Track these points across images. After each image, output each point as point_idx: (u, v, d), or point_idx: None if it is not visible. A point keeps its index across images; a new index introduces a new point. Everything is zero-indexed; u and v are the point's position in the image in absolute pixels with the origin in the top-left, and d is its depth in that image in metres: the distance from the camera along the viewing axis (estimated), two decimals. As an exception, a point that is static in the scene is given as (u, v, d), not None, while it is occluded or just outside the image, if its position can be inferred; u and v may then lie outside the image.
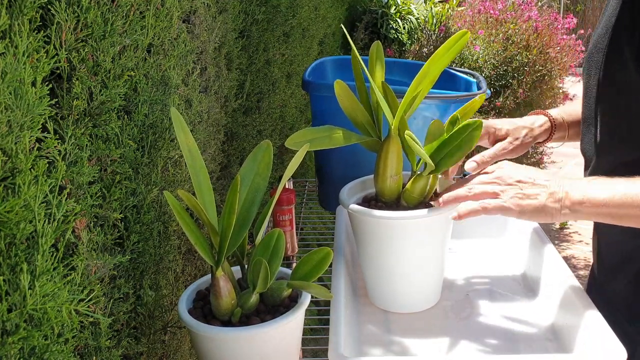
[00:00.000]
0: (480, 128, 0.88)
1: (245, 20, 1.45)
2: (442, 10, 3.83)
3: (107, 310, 0.73)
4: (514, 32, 3.28)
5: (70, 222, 0.60)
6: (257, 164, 0.83)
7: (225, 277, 0.75)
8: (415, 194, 0.92)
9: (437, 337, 0.91)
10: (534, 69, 3.22)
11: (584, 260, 3.73)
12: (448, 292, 1.02)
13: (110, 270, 0.74)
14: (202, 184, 0.78)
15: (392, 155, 0.92)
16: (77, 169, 0.63)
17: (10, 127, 0.51)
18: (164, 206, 0.89)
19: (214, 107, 1.21)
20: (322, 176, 1.43)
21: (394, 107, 0.91)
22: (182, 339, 1.04)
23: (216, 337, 0.74)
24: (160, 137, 0.86)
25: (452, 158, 0.90)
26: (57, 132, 0.62)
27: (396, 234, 0.91)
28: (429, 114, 1.27)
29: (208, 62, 1.14)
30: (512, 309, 0.97)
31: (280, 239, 0.79)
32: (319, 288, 0.75)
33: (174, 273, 1.00)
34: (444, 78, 1.15)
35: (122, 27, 0.72)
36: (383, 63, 0.98)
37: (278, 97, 1.84)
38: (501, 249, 1.16)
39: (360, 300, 1.01)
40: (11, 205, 0.50)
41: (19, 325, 0.50)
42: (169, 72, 0.89)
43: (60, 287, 0.55)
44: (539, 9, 3.54)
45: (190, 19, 1.04)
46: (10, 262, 0.50)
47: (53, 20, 0.59)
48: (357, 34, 3.76)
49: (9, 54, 0.50)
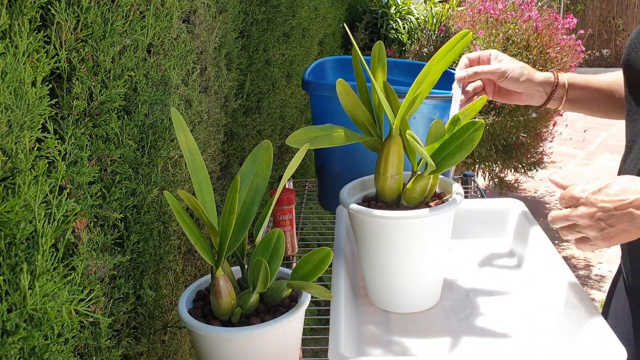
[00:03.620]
0: (481, 129, 0.88)
1: (245, 20, 1.45)
2: (442, 10, 3.82)
3: (107, 310, 0.73)
4: (514, 32, 3.28)
5: (70, 222, 0.60)
6: (257, 164, 0.83)
7: (225, 277, 0.75)
8: (416, 194, 0.92)
9: (437, 337, 0.91)
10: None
11: (583, 260, 3.73)
12: (448, 292, 1.02)
13: (110, 270, 0.74)
14: (202, 184, 0.78)
15: (393, 155, 0.92)
16: (77, 169, 0.63)
17: (10, 127, 0.51)
18: (164, 206, 0.89)
19: (214, 107, 1.21)
20: (322, 176, 1.43)
21: (395, 107, 0.91)
22: (182, 339, 1.04)
23: (216, 337, 0.74)
24: (160, 137, 0.86)
25: (453, 158, 0.90)
26: (57, 132, 0.62)
27: (396, 233, 0.91)
28: (430, 114, 1.27)
29: (208, 62, 1.14)
30: (512, 308, 0.97)
31: (280, 239, 0.79)
32: (319, 288, 0.75)
33: (174, 273, 1.00)
34: (445, 78, 1.14)
35: (122, 27, 0.72)
36: (385, 63, 0.98)
37: (278, 97, 1.84)
38: (501, 249, 1.16)
39: (360, 300, 1.01)
40: (11, 205, 0.50)
41: (19, 325, 0.50)
42: (169, 72, 0.89)
43: (60, 287, 0.54)
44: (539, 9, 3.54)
45: (190, 19, 1.03)
46: (10, 262, 0.50)
47: (53, 20, 0.59)
48: (357, 34, 3.76)
49: (9, 54, 0.50)
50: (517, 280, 1.05)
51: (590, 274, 3.58)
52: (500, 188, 3.67)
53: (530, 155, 3.49)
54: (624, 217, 0.79)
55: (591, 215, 0.80)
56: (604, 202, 0.80)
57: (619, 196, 0.79)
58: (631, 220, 0.78)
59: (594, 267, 3.66)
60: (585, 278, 3.53)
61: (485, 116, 3.17)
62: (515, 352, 0.87)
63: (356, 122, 0.98)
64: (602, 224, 0.80)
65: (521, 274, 1.07)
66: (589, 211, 0.81)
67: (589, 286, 3.42)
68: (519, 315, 0.95)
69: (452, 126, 0.91)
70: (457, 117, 0.91)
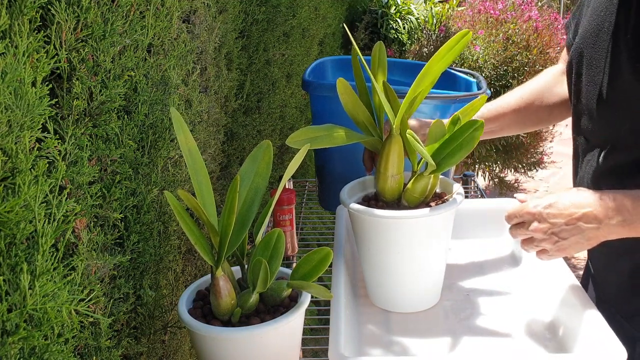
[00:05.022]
0: (481, 128, 0.88)
1: (245, 20, 1.45)
2: (442, 10, 3.82)
3: (107, 310, 0.73)
4: (514, 32, 3.27)
5: (70, 222, 0.60)
6: (257, 164, 0.83)
7: (225, 277, 0.75)
8: (416, 193, 0.92)
9: (437, 337, 0.90)
10: (534, 69, 3.22)
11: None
12: (448, 292, 1.02)
13: (110, 270, 0.74)
14: (202, 184, 0.78)
15: (394, 154, 0.92)
16: (77, 169, 0.63)
17: (10, 127, 0.51)
18: (164, 206, 0.89)
19: (214, 107, 1.21)
20: (322, 176, 1.43)
21: (395, 107, 0.91)
22: (182, 339, 1.04)
23: (216, 337, 0.74)
24: (160, 137, 0.86)
25: (453, 158, 0.90)
26: (57, 132, 0.62)
27: (397, 233, 0.91)
28: (430, 114, 1.27)
29: (208, 62, 1.14)
30: (511, 309, 0.97)
31: (280, 239, 0.79)
32: (319, 288, 0.75)
33: (174, 273, 1.00)
34: (444, 78, 1.15)
35: (122, 27, 0.72)
36: (385, 63, 0.98)
37: (278, 97, 1.84)
38: (501, 249, 1.16)
39: (360, 300, 1.01)
40: (11, 205, 0.50)
41: (19, 325, 0.50)
42: (169, 72, 0.89)
43: (60, 287, 0.54)
44: (539, 9, 3.54)
45: (190, 19, 1.03)
46: (10, 262, 0.50)
47: (53, 20, 0.59)
48: (357, 34, 3.76)
49: (9, 54, 0.50)
50: (517, 280, 1.05)
51: (590, 274, 3.57)
52: (500, 188, 3.66)
53: (530, 155, 3.49)
54: (574, 230, 0.84)
55: (544, 230, 0.86)
56: (555, 216, 0.85)
57: (569, 209, 0.84)
58: (580, 233, 0.83)
59: (594, 267, 3.65)
60: (585, 278, 3.53)
61: (485, 116, 3.17)
62: (515, 352, 0.87)
63: (356, 122, 0.98)
64: (555, 237, 0.85)
65: (521, 274, 1.07)
66: (541, 226, 0.86)
67: (589, 286, 3.42)
68: (519, 315, 0.95)
69: (452, 126, 0.91)
70: (457, 117, 0.91)
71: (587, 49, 0.93)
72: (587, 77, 0.93)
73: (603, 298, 1.00)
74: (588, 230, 0.83)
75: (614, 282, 0.98)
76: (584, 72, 0.94)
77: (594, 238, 0.83)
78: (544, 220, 0.86)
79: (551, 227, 0.85)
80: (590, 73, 0.92)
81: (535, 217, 0.87)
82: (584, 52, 0.94)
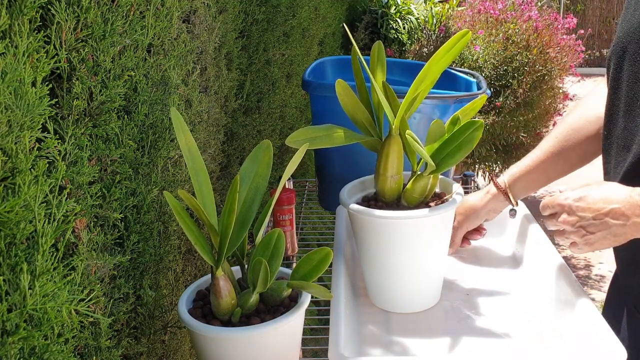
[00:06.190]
0: (481, 128, 0.88)
1: (245, 20, 1.45)
2: (442, 10, 3.82)
3: (107, 310, 0.73)
4: (514, 32, 3.27)
5: (70, 222, 0.60)
6: (257, 164, 0.83)
7: (225, 277, 0.75)
8: (416, 193, 0.92)
9: (437, 337, 0.90)
10: (534, 69, 3.22)
11: (583, 260, 3.73)
12: (448, 292, 1.02)
13: (110, 270, 0.74)
14: (202, 184, 0.78)
15: (393, 155, 0.92)
16: (77, 169, 0.63)
17: (10, 127, 0.51)
18: (164, 206, 0.89)
19: (214, 107, 1.21)
20: (322, 176, 1.43)
21: (395, 107, 0.91)
22: (182, 339, 1.04)
23: (216, 337, 0.74)
24: (160, 137, 0.86)
25: (453, 158, 0.90)
26: (57, 132, 0.62)
27: (397, 234, 0.91)
28: (430, 114, 1.27)
29: (208, 62, 1.14)
30: (511, 309, 0.97)
31: (280, 239, 0.79)
32: (319, 288, 0.75)
33: (174, 273, 1.00)
34: (444, 78, 1.14)
35: (122, 27, 0.72)
36: (384, 63, 0.98)
37: (278, 97, 1.83)
38: (501, 249, 1.16)
39: (360, 300, 1.01)
40: (11, 205, 0.50)
41: (19, 325, 0.50)
42: (169, 72, 0.89)
43: (60, 287, 0.54)
44: (539, 9, 3.54)
45: (190, 19, 1.03)
46: (10, 262, 0.50)
47: (53, 20, 0.59)
48: (357, 34, 3.76)
49: (9, 54, 0.50)
50: (517, 280, 1.05)
51: (590, 274, 3.58)
52: (500, 188, 3.66)
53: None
54: (601, 225, 0.84)
55: (572, 223, 0.86)
56: (584, 210, 0.85)
57: (598, 204, 0.84)
58: (607, 228, 0.83)
59: (594, 267, 3.66)
60: (585, 278, 3.53)
61: (485, 116, 3.17)
62: (515, 352, 0.87)
63: (356, 122, 0.98)
64: (582, 231, 0.85)
65: (521, 274, 1.07)
66: (570, 219, 0.86)
67: (589, 286, 3.43)
68: (519, 315, 0.95)
69: (452, 126, 0.91)
70: (457, 117, 0.91)
71: (631, 44, 0.91)
72: (629, 73, 0.91)
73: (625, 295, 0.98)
74: (615, 226, 0.83)
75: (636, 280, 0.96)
76: (625, 67, 0.92)
77: (622, 235, 0.83)
78: (572, 213, 0.86)
79: (579, 220, 0.85)
80: (633, 69, 0.90)
81: (565, 209, 0.87)
82: (628, 47, 0.91)
